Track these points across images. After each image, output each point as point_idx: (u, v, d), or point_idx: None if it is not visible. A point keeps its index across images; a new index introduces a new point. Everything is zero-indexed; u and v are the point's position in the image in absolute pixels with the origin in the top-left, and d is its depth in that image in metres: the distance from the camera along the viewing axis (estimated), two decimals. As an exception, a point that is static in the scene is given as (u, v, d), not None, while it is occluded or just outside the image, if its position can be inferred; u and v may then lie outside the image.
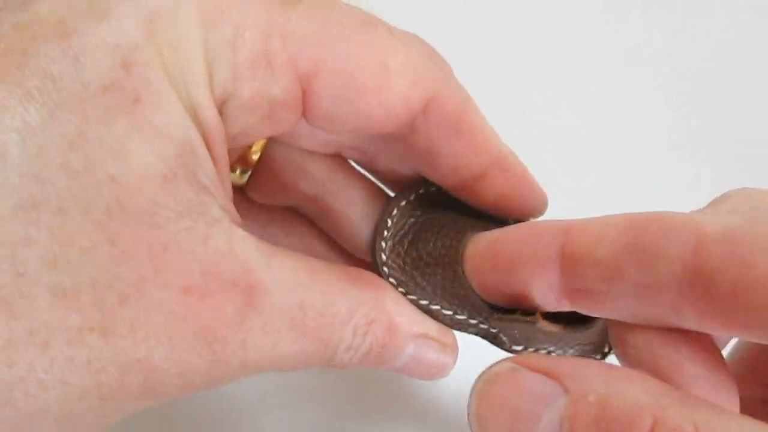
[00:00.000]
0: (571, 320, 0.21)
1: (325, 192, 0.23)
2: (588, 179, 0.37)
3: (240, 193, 0.24)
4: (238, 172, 0.23)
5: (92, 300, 0.15)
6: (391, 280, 0.21)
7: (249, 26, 0.17)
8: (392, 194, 0.24)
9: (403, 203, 0.22)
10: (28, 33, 0.15)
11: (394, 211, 0.22)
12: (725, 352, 0.20)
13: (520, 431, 0.15)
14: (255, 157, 0.23)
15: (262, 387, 0.29)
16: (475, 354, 0.21)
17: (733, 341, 0.21)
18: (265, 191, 0.23)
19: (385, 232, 0.22)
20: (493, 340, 0.22)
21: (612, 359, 0.20)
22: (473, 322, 0.22)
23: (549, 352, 0.22)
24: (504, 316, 0.21)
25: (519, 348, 0.22)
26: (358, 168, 0.24)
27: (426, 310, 0.21)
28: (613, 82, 0.41)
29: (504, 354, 0.21)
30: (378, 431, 0.29)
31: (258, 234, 0.18)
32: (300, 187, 0.23)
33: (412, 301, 0.21)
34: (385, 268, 0.21)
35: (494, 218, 0.22)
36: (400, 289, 0.21)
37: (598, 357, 0.22)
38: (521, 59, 0.41)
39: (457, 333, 0.22)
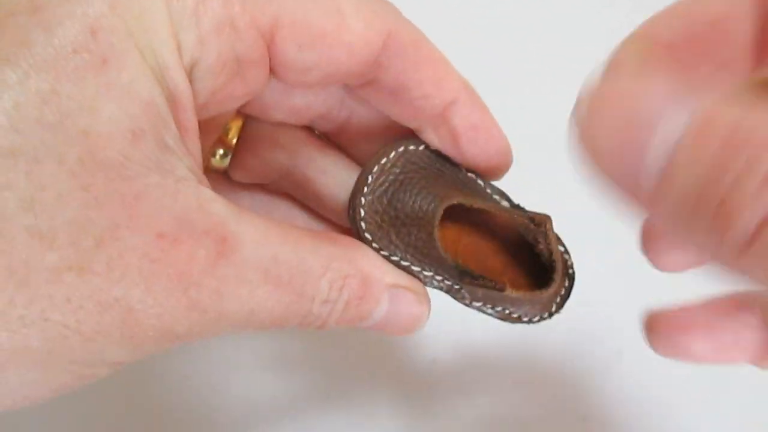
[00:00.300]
0: (530, 285, 0.22)
1: (300, 162, 0.24)
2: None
3: (221, 176, 0.25)
4: (218, 156, 0.24)
5: (68, 241, 0.16)
6: (367, 235, 0.22)
7: None
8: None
9: (384, 160, 0.23)
10: (5, 11, 0.16)
11: (375, 168, 0.23)
12: None
13: (629, 142, 0.13)
14: (233, 140, 0.24)
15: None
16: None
17: None
18: (245, 169, 0.25)
19: (365, 188, 0.22)
20: (455, 294, 0.23)
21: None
22: (438, 278, 0.23)
23: (508, 312, 0.23)
24: (474, 281, 0.22)
25: (478, 304, 0.23)
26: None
27: (399, 266, 0.22)
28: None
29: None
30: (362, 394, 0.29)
31: None
32: (276, 159, 0.24)
33: (383, 256, 0.22)
34: (362, 223, 0.22)
35: (478, 186, 0.23)
36: (374, 245, 0.22)
37: (546, 317, 0.23)
38: (510, 45, 0.42)
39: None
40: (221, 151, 0.24)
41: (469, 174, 0.24)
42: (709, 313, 0.21)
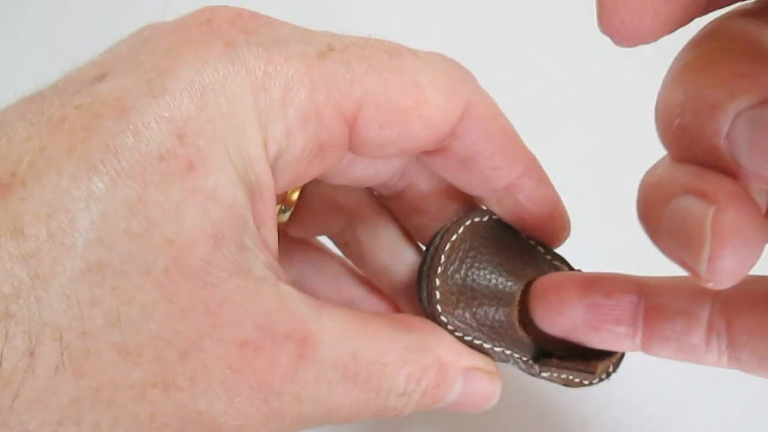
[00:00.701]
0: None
1: (355, 221, 0.24)
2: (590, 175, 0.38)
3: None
4: (278, 212, 0.24)
5: (153, 356, 0.16)
6: (443, 318, 0.22)
7: (295, 83, 0.18)
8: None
9: (454, 237, 0.22)
10: (90, 112, 0.16)
11: (447, 246, 0.22)
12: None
13: None
14: (294, 197, 0.24)
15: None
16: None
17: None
18: (302, 227, 0.25)
19: (439, 268, 0.22)
20: (524, 367, 0.23)
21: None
22: (508, 352, 0.22)
23: (572, 378, 0.23)
24: (563, 362, 0.22)
25: (546, 375, 0.23)
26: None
27: (472, 346, 0.22)
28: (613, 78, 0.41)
29: None
30: None
31: (291, 272, 0.19)
32: (333, 220, 0.24)
33: (458, 338, 0.22)
34: (438, 306, 0.22)
35: (539, 253, 0.23)
36: (449, 327, 0.22)
37: (604, 378, 0.23)
38: (519, 55, 0.41)
39: None
40: (281, 207, 0.24)
41: (530, 241, 0.24)
42: (589, 286, 0.21)
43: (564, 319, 0.22)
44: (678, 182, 0.16)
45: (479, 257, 0.22)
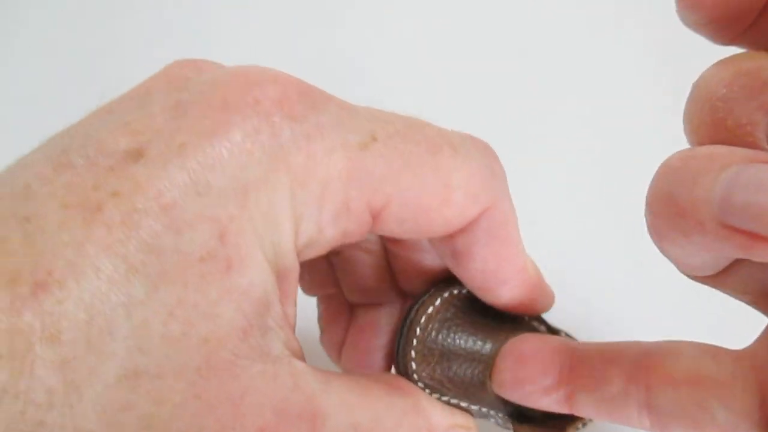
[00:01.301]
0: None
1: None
2: (588, 176, 0.38)
3: None
4: None
5: None
6: (420, 384, 0.22)
7: (333, 179, 0.17)
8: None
9: (430, 310, 0.23)
10: (130, 205, 0.15)
11: (423, 319, 0.23)
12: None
13: None
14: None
15: None
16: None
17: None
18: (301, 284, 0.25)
19: (414, 341, 0.22)
20: (499, 422, 0.23)
21: None
22: (484, 410, 0.23)
23: None
24: (536, 428, 0.23)
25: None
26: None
27: (450, 404, 0.22)
28: (615, 79, 0.41)
29: None
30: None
31: None
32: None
33: (439, 399, 0.22)
34: (415, 375, 0.22)
35: (513, 319, 0.24)
36: (427, 391, 0.22)
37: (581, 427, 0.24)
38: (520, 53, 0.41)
39: None
40: None
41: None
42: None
43: (505, 380, 0.22)
44: (735, 154, 0.15)
45: (455, 327, 0.23)
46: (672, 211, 0.16)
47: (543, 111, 0.40)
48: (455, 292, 0.23)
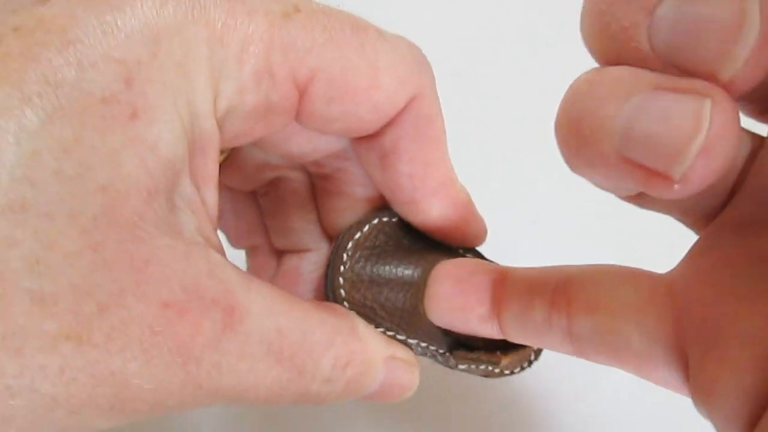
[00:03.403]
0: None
1: (281, 182, 0.24)
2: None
3: None
4: None
5: (70, 307, 0.15)
6: (352, 311, 0.21)
7: (254, 40, 0.17)
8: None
9: (358, 235, 0.22)
10: (31, 38, 0.15)
11: (349, 245, 0.22)
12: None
13: None
14: (223, 156, 0.23)
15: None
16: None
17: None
18: (232, 178, 0.24)
19: (342, 267, 0.22)
20: (440, 360, 0.23)
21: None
22: (424, 345, 0.22)
23: (492, 369, 0.23)
24: (468, 354, 0.22)
25: (464, 367, 0.23)
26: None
27: (391, 338, 0.22)
28: None
29: None
30: None
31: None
32: (260, 173, 0.24)
33: (379, 331, 0.22)
34: (345, 303, 0.21)
35: (444, 249, 0.23)
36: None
37: (526, 366, 0.23)
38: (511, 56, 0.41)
39: None
40: None
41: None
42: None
43: (441, 308, 0.21)
44: (644, 78, 0.14)
45: (384, 254, 0.22)
46: (577, 141, 0.15)
47: (544, 110, 0.39)
48: (384, 219, 0.23)
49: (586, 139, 0.15)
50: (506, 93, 0.40)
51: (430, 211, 0.22)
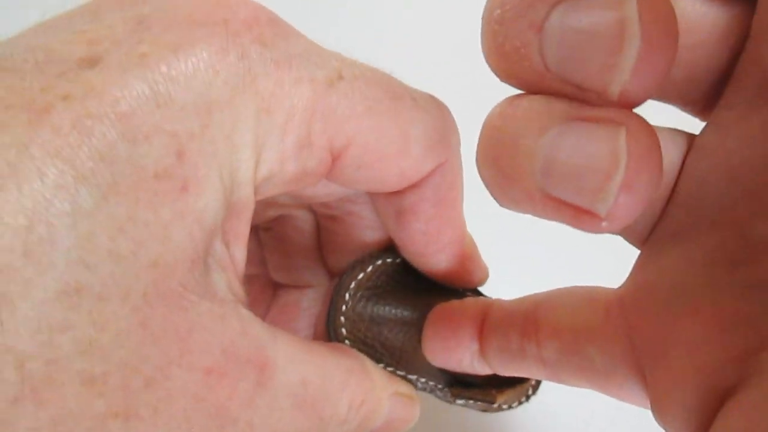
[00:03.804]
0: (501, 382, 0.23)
1: (285, 218, 0.24)
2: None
3: None
4: None
5: (119, 384, 0.15)
6: (351, 346, 0.22)
7: (298, 110, 0.17)
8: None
9: (361, 276, 0.22)
10: (82, 108, 0.14)
11: (352, 284, 0.22)
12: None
13: None
14: None
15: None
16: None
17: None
18: None
19: (343, 307, 0.22)
20: (438, 395, 0.24)
21: None
22: (423, 380, 0.23)
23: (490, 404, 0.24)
24: (464, 391, 0.23)
25: (462, 402, 0.23)
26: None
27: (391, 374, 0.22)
28: None
29: None
30: None
31: None
32: (267, 210, 0.23)
33: (380, 366, 0.22)
34: (347, 341, 0.22)
35: (445, 289, 0.24)
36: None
37: (524, 401, 0.24)
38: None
39: None
40: None
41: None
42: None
43: (436, 349, 0.22)
44: (555, 109, 0.14)
45: (385, 295, 0.23)
46: (501, 179, 0.15)
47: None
48: (388, 260, 0.23)
49: (508, 177, 0.15)
50: (506, 92, 0.40)
51: (439, 263, 0.22)
